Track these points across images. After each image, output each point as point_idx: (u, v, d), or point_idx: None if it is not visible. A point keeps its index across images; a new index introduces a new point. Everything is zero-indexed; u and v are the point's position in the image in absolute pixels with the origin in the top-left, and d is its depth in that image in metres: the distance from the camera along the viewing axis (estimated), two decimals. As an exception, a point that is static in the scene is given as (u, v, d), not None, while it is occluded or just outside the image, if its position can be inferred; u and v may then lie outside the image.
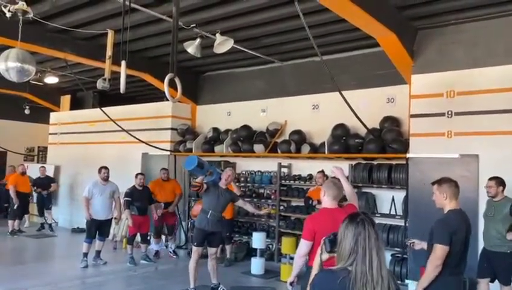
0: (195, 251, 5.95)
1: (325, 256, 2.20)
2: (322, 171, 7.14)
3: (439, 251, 3.23)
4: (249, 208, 6.41)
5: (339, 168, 4.03)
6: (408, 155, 6.55)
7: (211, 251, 6.11)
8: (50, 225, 11.01)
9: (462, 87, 6.20)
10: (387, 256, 6.77)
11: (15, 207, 10.38)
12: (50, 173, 11.68)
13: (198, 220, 6.06)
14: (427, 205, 6.20)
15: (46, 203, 11.05)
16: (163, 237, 8.77)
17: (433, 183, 3.51)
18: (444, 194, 3.38)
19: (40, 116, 13.61)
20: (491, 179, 5.21)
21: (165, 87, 3.69)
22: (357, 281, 1.83)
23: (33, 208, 11.42)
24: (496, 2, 5.69)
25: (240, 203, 6.28)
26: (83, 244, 7.50)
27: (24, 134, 14.48)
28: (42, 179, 11.08)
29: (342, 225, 1.99)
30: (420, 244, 3.66)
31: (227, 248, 7.94)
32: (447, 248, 3.21)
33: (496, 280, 5.19)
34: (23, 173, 10.87)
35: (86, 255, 7.46)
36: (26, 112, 13.13)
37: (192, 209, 7.91)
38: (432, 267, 3.26)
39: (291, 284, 3.47)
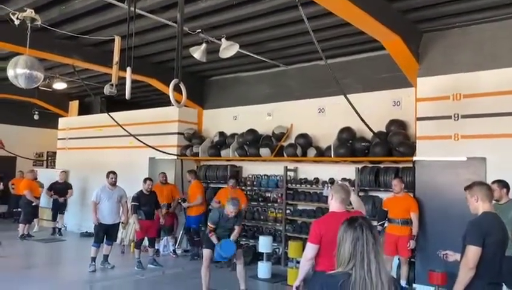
0: (204, 254, 5.89)
1: None
2: (400, 178, 6.66)
3: (471, 252, 3.11)
4: (234, 235, 6.03)
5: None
6: (415, 158, 6.54)
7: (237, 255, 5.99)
8: (59, 229, 11.10)
9: (468, 90, 6.18)
10: (395, 259, 6.74)
11: (34, 204, 10.53)
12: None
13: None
14: (435, 208, 6.26)
15: (61, 207, 11.15)
16: (166, 238, 9.04)
17: (465, 189, 3.43)
18: (476, 197, 3.30)
19: (49, 121, 13.78)
20: (493, 182, 5.13)
21: (170, 93, 3.75)
22: (356, 285, 1.86)
23: (42, 212, 11.53)
24: (501, 4, 5.68)
25: (236, 228, 6.05)
26: (91, 249, 7.55)
27: (33, 139, 14.63)
28: (60, 184, 11.11)
29: (341, 228, 2.03)
30: (454, 256, 3.50)
31: (234, 251, 7.96)
32: (479, 249, 3.10)
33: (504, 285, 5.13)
34: (35, 179, 11.09)
35: (94, 259, 7.51)
36: (35, 117, 13.29)
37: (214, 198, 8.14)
38: (465, 271, 3.12)
39: (297, 288, 3.47)
